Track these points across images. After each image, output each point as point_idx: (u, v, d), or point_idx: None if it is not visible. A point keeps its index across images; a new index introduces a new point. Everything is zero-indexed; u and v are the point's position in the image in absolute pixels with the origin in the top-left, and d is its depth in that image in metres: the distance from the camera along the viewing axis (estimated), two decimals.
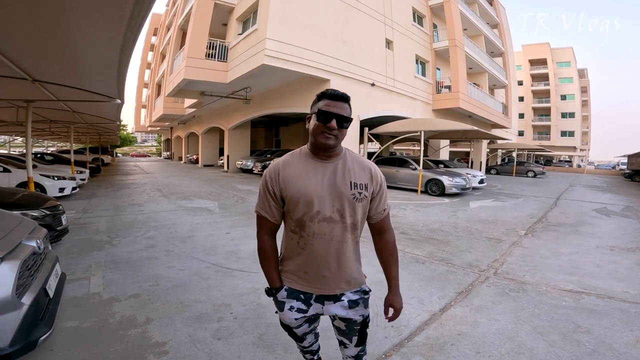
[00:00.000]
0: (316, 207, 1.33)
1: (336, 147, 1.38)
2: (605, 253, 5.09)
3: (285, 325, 1.59)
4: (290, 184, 1.36)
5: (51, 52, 3.69)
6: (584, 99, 54.38)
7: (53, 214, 4.38)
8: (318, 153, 1.38)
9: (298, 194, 1.34)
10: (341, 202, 1.34)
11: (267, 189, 1.41)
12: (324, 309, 1.48)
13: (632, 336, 2.64)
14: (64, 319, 2.67)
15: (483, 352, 2.39)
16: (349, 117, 1.34)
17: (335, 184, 1.35)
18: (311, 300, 1.47)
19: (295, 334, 1.62)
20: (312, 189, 1.33)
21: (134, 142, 76.69)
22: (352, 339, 1.55)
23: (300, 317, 1.50)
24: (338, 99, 1.33)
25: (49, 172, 8.84)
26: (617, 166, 43.36)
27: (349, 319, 1.49)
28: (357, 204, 1.36)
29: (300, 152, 1.43)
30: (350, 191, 1.34)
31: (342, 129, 1.33)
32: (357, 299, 1.47)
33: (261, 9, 11.63)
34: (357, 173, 1.39)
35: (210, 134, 25.42)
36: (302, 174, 1.36)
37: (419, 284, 3.64)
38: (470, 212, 8.40)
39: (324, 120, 1.30)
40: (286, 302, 1.48)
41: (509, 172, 25.88)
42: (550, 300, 3.32)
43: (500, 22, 25.76)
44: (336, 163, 1.38)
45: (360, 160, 1.44)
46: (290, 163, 1.40)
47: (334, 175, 1.36)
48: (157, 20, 35.20)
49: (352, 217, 1.37)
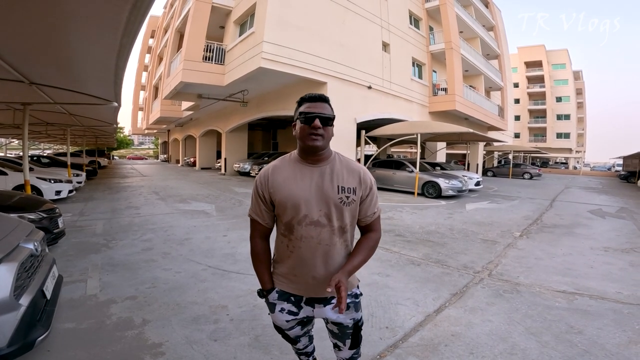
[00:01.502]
0: (303, 211, 1.36)
1: (324, 149, 1.39)
2: (599, 254, 5.13)
3: (277, 327, 1.61)
4: (278, 188, 1.39)
5: (48, 56, 3.72)
6: (579, 101, 54.74)
7: (50, 216, 4.38)
8: (307, 157, 1.40)
9: (286, 198, 1.37)
10: (328, 206, 1.36)
11: (257, 193, 1.45)
12: (314, 312, 1.49)
13: (624, 337, 2.66)
14: (61, 321, 2.68)
15: (476, 353, 2.41)
16: (331, 115, 1.38)
17: (323, 188, 1.36)
18: (302, 303, 1.49)
19: (288, 336, 1.64)
20: (299, 193, 1.36)
21: (130, 145, 76.51)
22: (346, 342, 1.56)
23: (291, 319, 1.52)
24: (317, 100, 1.37)
25: (46, 175, 8.83)
26: (613, 168, 43.68)
27: (339, 323, 1.50)
28: (345, 208, 1.37)
29: (290, 157, 1.46)
30: (337, 195, 1.36)
31: (327, 127, 1.36)
32: (348, 302, 1.46)
33: (258, 12, 11.69)
34: (346, 177, 1.40)
35: (207, 137, 25.41)
36: (291, 179, 1.39)
37: (414, 286, 3.67)
38: (466, 214, 8.45)
39: (307, 122, 1.33)
40: (277, 304, 1.51)
41: (506, 174, 26.00)
42: (544, 301, 3.35)
43: (496, 24, 25.96)
44: (324, 167, 1.40)
45: (350, 164, 1.45)
46: (280, 168, 1.44)
47: (322, 179, 1.38)
48: (154, 22, 35.17)
49: (340, 220, 1.38)
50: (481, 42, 22.71)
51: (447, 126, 13.07)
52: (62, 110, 7.45)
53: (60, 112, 7.75)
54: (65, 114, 8.05)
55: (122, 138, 53.38)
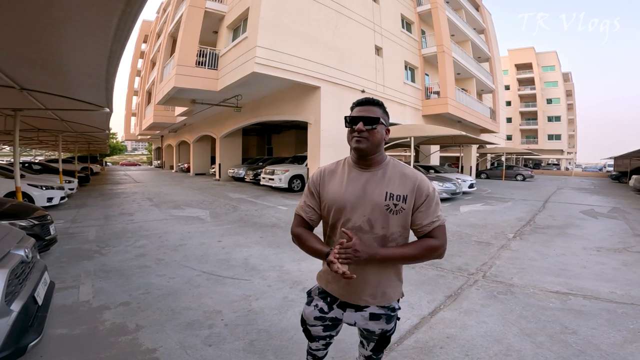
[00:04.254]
0: (347, 215, 1.35)
1: (373, 153, 1.36)
2: (592, 254, 5.18)
3: (302, 319, 1.60)
4: (328, 189, 1.42)
5: (39, 61, 3.70)
6: (569, 103, 55.49)
7: (41, 223, 4.34)
8: (358, 162, 1.39)
9: (332, 201, 1.38)
10: (373, 212, 1.33)
11: (310, 188, 1.48)
12: (344, 315, 1.48)
13: (619, 336, 2.67)
14: (54, 327, 2.66)
15: (471, 355, 2.41)
16: (375, 117, 1.32)
17: (369, 193, 1.33)
18: (334, 305, 1.49)
19: (309, 331, 1.61)
20: (345, 197, 1.35)
21: (123, 151, 76.07)
22: (370, 344, 1.56)
23: (319, 317, 1.51)
24: (366, 104, 1.35)
25: (37, 182, 8.73)
26: (604, 168, 44.28)
27: (366, 329, 1.49)
28: (391, 216, 1.32)
29: (344, 161, 1.47)
30: (384, 202, 1.32)
31: (372, 130, 1.32)
32: (381, 313, 1.44)
33: (251, 17, 11.71)
34: (397, 183, 1.34)
35: (201, 142, 25.32)
36: (340, 182, 1.40)
37: (409, 289, 3.67)
38: (460, 217, 8.50)
39: (351, 124, 1.33)
40: (314, 299, 1.53)
41: (499, 176, 26.25)
42: (538, 302, 3.37)
43: (487, 27, 26.27)
44: (375, 172, 1.37)
45: (404, 170, 1.38)
46: (333, 171, 1.46)
47: (370, 184, 1.35)
48: (147, 27, 35.16)
49: (385, 229, 1.34)
50: (472, 45, 22.95)
51: (440, 129, 13.16)
52: (54, 116, 7.40)
53: (52, 118, 7.69)
54: (57, 120, 7.99)
55: (115, 144, 53.06)
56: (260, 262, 4.55)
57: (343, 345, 2.45)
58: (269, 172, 13.90)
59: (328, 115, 12.66)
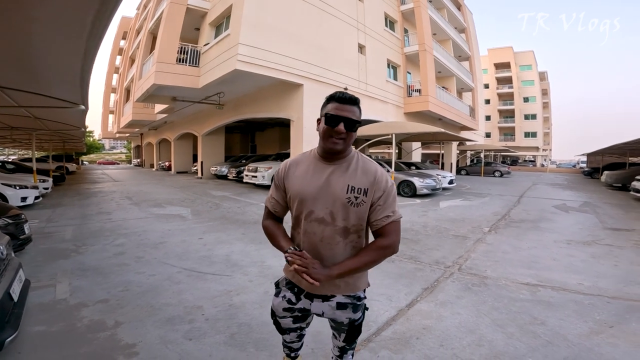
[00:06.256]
0: (310, 207, 1.38)
1: (344, 152, 1.39)
2: (562, 247, 5.38)
3: (272, 311, 1.65)
4: (292, 181, 1.44)
5: (11, 58, 3.61)
6: (544, 101, 57.24)
7: (15, 222, 4.25)
8: (325, 155, 1.41)
9: (296, 193, 1.42)
10: (334, 204, 1.35)
11: (275, 183, 1.53)
12: (311, 306, 1.51)
13: (585, 327, 2.75)
14: (31, 324, 2.63)
15: (446, 345, 2.49)
16: (358, 120, 1.33)
17: (331, 186, 1.36)
18: (301, 295, 1.52)
19: (279, 324, 1.65)
20: (308, 189, 1.38)
21: (101, 149, 74.00)
22: (341, 335, 1.60)
23: (287, 308, 1.55)
24: (347, 102, 1.31)
25: (11, 181, 8.46)
26: (578, 165, 45.87)
27: (335, 319, 1.52)
28: (352, 208, 1.35)
29: (310, 153, 1.49)
30: (345, 194, 1.34)
31: (351, 132, 1.32)
32: (347, 302, 1.47)
33: (234, 14, 11.62)
34: (358, 177, 1.36)
35: (183, 140, 24.91)
36: (304, 174, 1.42)
37: (388, 282, 3.76)
38: (439, 212, 8.69)
39: (331, 124, 1.30)
40: (282, 290, 1.57)
41: (478, 173, 26.88)
42: (509, 293, 3.47)
43: (468, 26, 26.81)
44: (339, 165, 1.39)
45: (366, 165, 1.40)
46: (298, 162, 1.48)
47: (333, 176, 1.37)
48: (126, 23, 34.31)
49: (345, 220, 1.37)
50: (453, 44, 23.38)
51: (421, 126, 13.39)
52: (27, 114, 7.18)
53: (25, 116, 7.46)
54: (31, 118, 7.76)
55: (91, 142, 51.46)
56: (242, 258, 4.57)
57: (322, 337, 2.50)
58: (252, 169, 13.85)
59: (310, 113, 12.68)
